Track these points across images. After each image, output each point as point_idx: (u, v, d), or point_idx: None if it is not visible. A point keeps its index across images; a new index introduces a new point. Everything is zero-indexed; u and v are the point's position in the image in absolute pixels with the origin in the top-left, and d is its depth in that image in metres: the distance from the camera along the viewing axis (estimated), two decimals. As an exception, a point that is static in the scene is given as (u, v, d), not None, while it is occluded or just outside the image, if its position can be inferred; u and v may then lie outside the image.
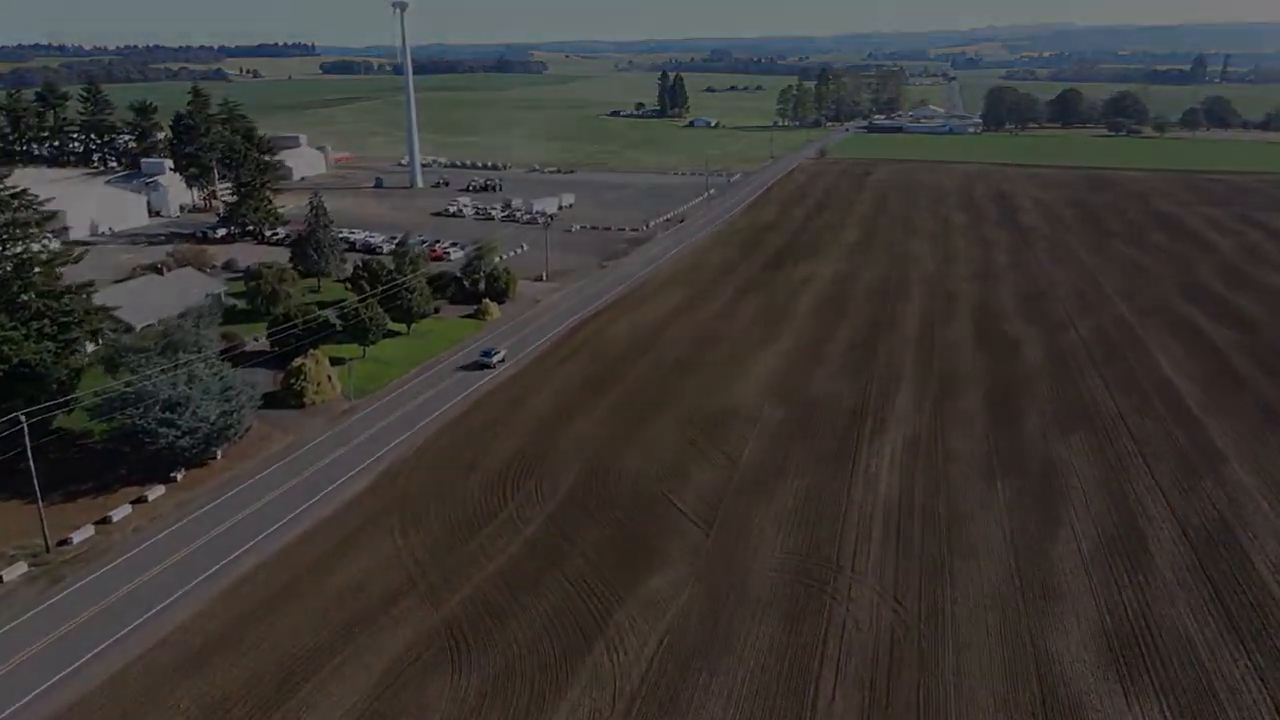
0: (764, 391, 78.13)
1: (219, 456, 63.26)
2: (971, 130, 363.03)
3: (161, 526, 54.96)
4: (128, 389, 59.37)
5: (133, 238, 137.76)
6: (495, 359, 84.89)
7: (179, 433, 58.84)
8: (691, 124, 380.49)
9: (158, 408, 58.67)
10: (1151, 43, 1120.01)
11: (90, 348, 75.95)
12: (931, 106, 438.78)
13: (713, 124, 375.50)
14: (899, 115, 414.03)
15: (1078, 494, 59.99)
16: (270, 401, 72.50)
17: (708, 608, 47.57)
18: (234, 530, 54.40)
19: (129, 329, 79.65)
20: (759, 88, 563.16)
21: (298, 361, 74.37)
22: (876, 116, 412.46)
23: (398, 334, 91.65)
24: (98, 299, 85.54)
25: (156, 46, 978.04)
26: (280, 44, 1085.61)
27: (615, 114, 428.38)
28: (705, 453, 66.04)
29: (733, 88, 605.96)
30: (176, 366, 61.17)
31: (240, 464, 63.52)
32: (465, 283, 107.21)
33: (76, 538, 53.03)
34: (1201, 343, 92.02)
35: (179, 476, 60.42)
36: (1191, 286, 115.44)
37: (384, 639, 44.61)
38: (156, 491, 58.64)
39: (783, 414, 73.33)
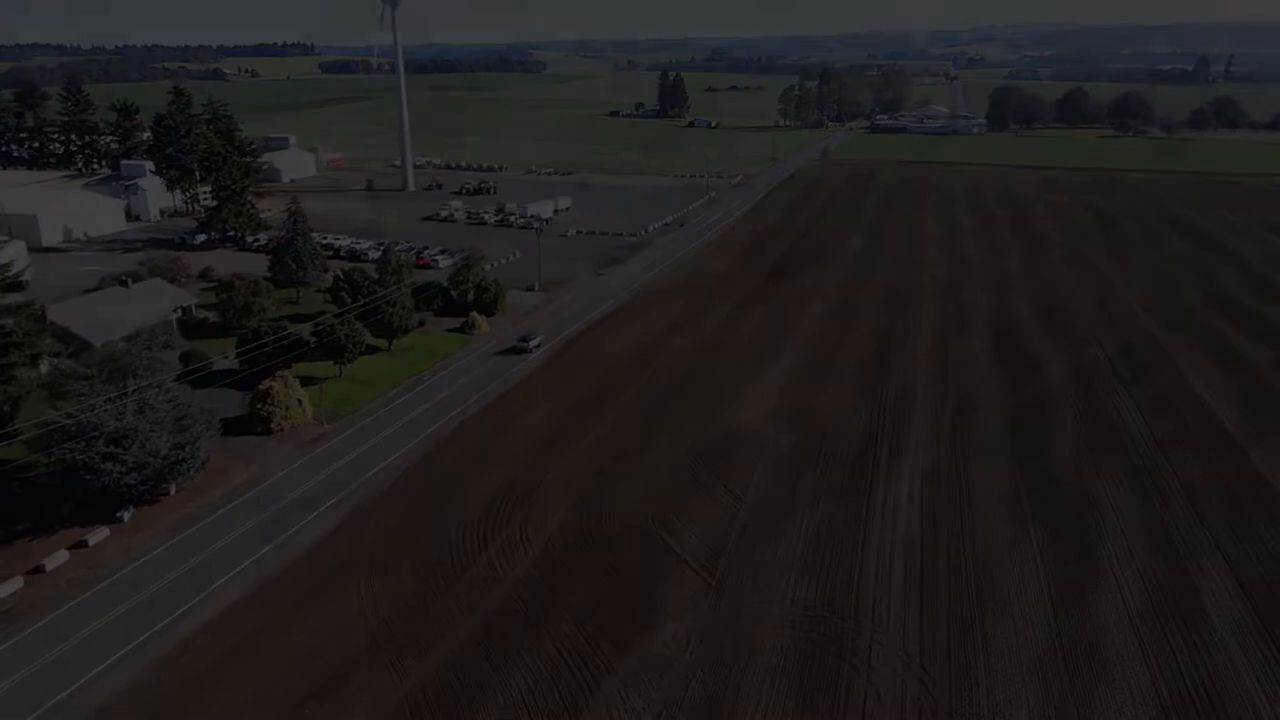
0: (769, 414, 72.53)
1: (172, 492, 57.57)
2: (976, 130, 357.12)
3: (100, 577, 49.24)
4: (68, 420, 53.68)
5: (108, 244, 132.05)
6: (532, 344, 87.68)
7: (124, 469, 53.10)
8: (692, 124, 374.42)
9: (101, 441, 52.98)
10: (1154, 42, 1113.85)
11: (44, 368, 70.39)
12: (935, 106, 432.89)
13: (713, 124, 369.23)
14: (902, 115, 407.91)
15: (1117, 535, 54.39)
16: (235, 426, 66.89)
17: (710, 675, 41.99)
18: (179, 584, 48.62)
19: (86, 347, 74.02)
20: (760, 88, 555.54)
21: (264, 384, 68.60)
22: (879, 117, 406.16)
23: (378, 350, 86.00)
24: (55, 314, 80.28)
25: (155, 46, 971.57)
26: (279, 44, 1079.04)
27: (615, 114, 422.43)
28: (706, 486, 60.42)
29: (733, 88, 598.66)
30: (124, 395, 55.42)
31: (195, 500, 57.83)
32: (453, 293, 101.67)
33: (2, 592, 47.38)
34: (1234, 360, 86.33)
35: (126, 516, 54.66)
36: (1217, 297, 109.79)
37: (340, 718, 39.01)
38: (99, 534, 52.95)
39: (790, 440, 67.75)
